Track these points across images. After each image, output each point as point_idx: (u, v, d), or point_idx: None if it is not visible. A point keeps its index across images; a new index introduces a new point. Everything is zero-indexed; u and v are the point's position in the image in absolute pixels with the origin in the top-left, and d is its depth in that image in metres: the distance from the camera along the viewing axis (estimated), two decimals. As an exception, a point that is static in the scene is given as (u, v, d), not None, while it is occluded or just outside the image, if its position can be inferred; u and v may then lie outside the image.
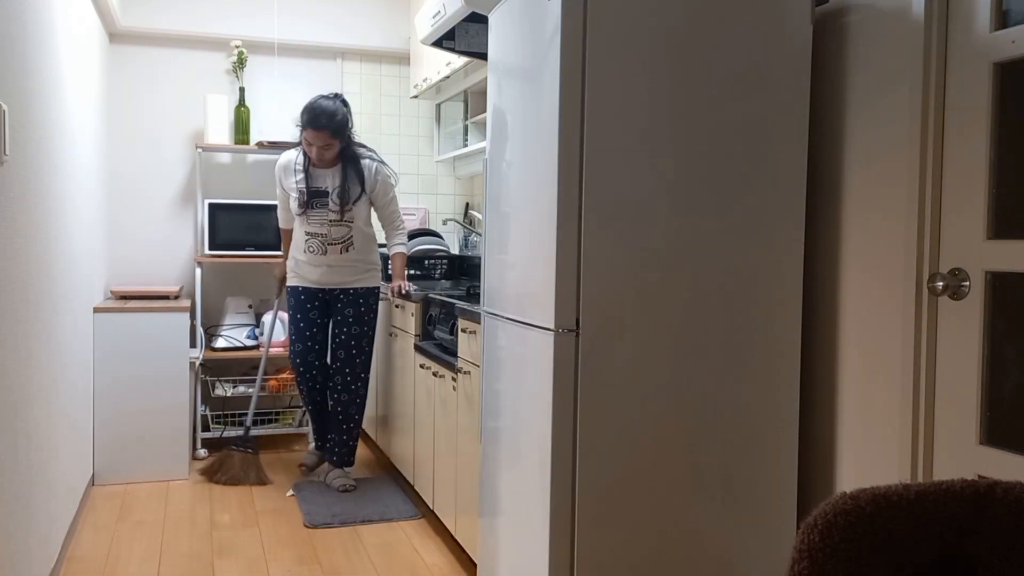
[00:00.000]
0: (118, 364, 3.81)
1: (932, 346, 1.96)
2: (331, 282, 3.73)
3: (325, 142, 3.58)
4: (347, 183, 3.66)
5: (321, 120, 3.56)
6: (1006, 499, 1.14)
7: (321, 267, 3.71)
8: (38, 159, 2.52)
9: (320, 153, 3.61)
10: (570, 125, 2.04)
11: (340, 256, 3.70)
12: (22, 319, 2.28)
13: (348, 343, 3.73)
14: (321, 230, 3.68)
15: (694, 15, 2.11)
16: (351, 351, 3.74)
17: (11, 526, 2.15)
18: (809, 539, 1.11)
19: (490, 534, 2.50)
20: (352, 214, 3.68)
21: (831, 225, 2.26)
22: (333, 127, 3.58)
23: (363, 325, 3.75)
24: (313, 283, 3.75)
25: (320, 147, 3.59)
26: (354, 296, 3.74)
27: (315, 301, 3.78)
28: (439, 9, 3.30)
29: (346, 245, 3.70)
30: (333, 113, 3.58)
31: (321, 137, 3.56)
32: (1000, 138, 1.82)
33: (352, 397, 3.76)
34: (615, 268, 2.09)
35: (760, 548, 2.24)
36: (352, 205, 3.67)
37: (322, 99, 3.62)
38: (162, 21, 4.43)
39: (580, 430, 2.08)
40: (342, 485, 3.72)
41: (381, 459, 4.30)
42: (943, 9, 1.94)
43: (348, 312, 3.73)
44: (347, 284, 3.74)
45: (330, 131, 3.57)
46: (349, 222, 3.69)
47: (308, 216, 3.68)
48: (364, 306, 3.75)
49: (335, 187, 3.66)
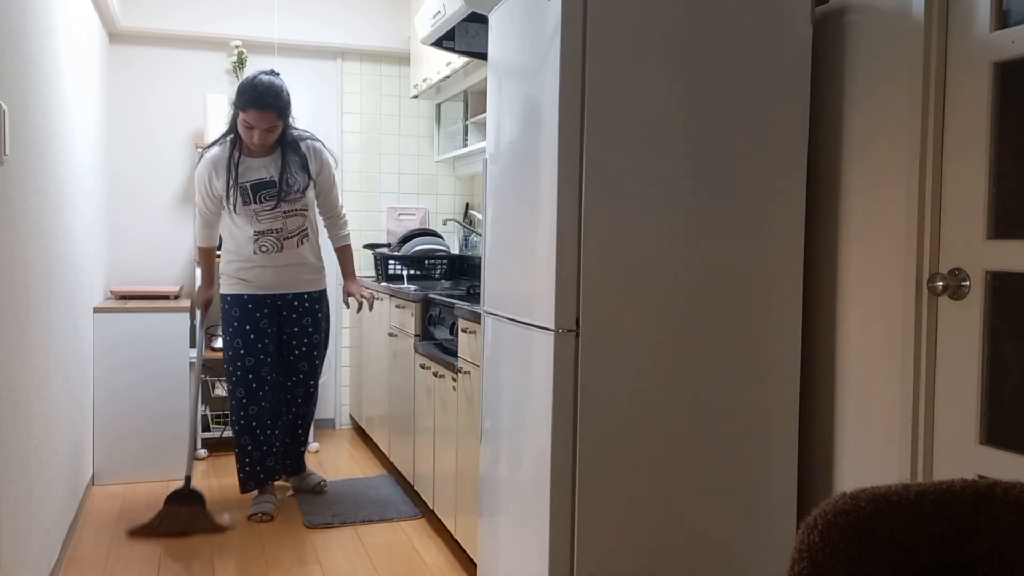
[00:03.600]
0: (118, 364, 3.81)
1: (932, 346, 1.96)
2: (284, 286, 3.42)
3: (270, 124, 3.21)
4: (291, 169, 3.33)
5: (267, 99, 3.17)
6: (1006, 499, 1.14)
7: (275, 267, 3.38)
8: (38, 159, 2.52)
9: (263, 137, 3.22)
10: (570, 125, 2.04)
11: (296, 250, 3.40)
12: (22, 319, 2.28)
13: (310, 354, 3.51)
14: (275, 224, 3.34)
15: (694, 15, 2.11)
16: (313, 361, 3.53)
17: (11, 526, 2.15)
18: (809, 539, 1.11)
19: (490, 534, 2.50)
20: (305, 201, 3.37)
21: (831, 225, 2.26)
22: (280, 106, 3.22)
23: (321, 332, 3.55)
24: (262, 288, 3.39)
25: (264, 130, 3.21)
26: (310, 303, 3.49)
27: (264, 308, 3.41)
28: (439, 9, 3.30)
29: (302, 237, 3.41)
30: (279, 90, 3.22)
31: (266, 119, 3.19)
32: (1000, 138, 1.82)
33: (311, 407, 3.62)
34: (615, 268, 2.09)
35: (760, 548, 2.24)
36: (303, 192, 3.36)
37: (263, 75, 3.24)
38: (162, 21, 4.43)
39: (580, 430, 2.08)
40: (318, 483, 3.65)
41: (381, 459, 4.31)
42: (943, 9, 1.94)
43: (306, 321, 3.49)
44: (300, 288, 3.46)
45: (276, 111, 3.20)
46: (303, 210, 3.39)
47: (257, 213, 3.31)
48: (320, 312, 3.54)
49: (278, 175, 3.31)
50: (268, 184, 3.30)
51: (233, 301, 3.39)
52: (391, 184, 4.96)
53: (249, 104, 3.17)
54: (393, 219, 4.90)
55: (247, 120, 3.19)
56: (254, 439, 3.39)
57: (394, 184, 4.97)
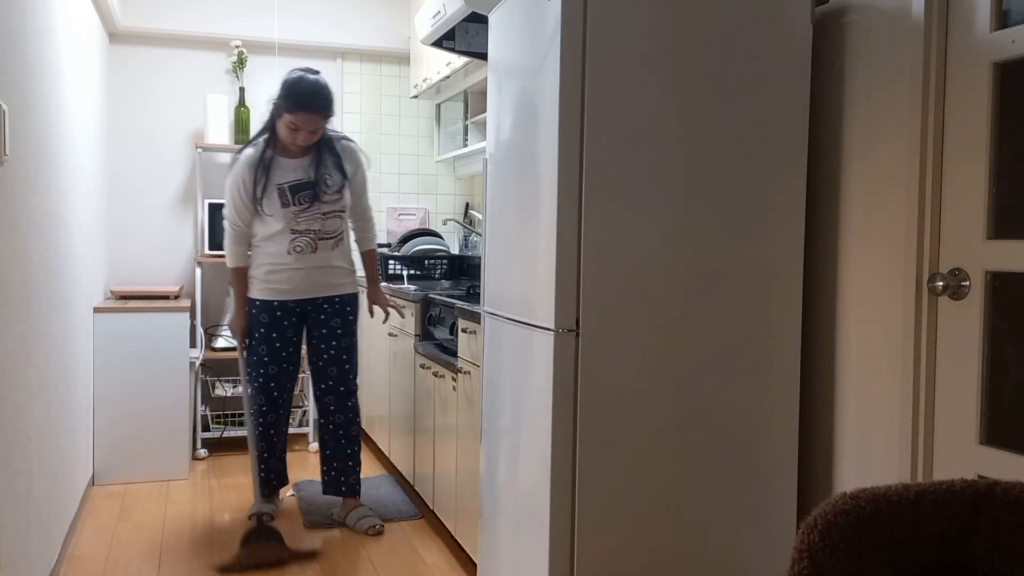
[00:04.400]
0: (118, 364, 3.81)
1: (932, 346, 1.96)
2: (314, 289, 3.29)
3: (317, 126, 3.12)
4: (328, 170, 3.22)
5: (318, 101, 3.08)
6: (1006, 499, 1.14)
7: (306, 268, 3.26)
8: (38, 159, 2.52)
9: (307, 139, 3.13)
10: (570, 125, 2.04)
11: (330, 253, 3.29)
12: (22, 319, 2.28)
13: (339, 357, 3.34)
14: (313, 225, 3.22)
15: (694, 15, 2.11)
16: (344, 366, 3.35)
17: (11, 526, 2.15)
18: (809, 539, 1.11)
19: (490, 534, 2.50)
20: (343, 203, 3.27)
21: (831, 225, 2.26)
22: (330, 108, 3.13)
23: (352, 336, 3.39)
24: (291, 294, 3.27)
25: (309, 132, 3.11)
26: (340, 304, 3.35)
27: (292, 317, 3.31)
28: (439, 9, 3.30)
29: (337, 240, 3.30)
30: (328, 91, 3.12)
31: (314, 121, 3.09)
32: (1000, 138, 1.82)
33: (352, 416, 3.38)
34: (615, 268, 2.09)
35: (760, 548, 2.24)
36: (339, 192, 3.24)
37: (308, 75, 3.12)
38: (162, 21, 4.43)
39: (580, 430, 2.08)
40: (371, 527, 3.27)
41: (381, 459, 4.31)
42: (943, 9, 1.94)
43: (335, 323, 3.33)
44: (331, 292, 3.32)
45: (325, 113, 3.12)
46: (341, 212, 3.28)
47: (296, 215, 3.19)
48: (352, 314, 3.38)
49: (317, 175, 3.21)
50: (306, 185, 3.19)
51: (262, 307, 3.28)
52: (391, 184, 4.96)
53: (298, 106, 3.05)
54: (393, 219, 4.90)
55: (294, 122, 3.07)
56: (270, 446, 3.37)
57: (394, 184, 4.97)
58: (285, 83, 3.11)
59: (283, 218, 3.19)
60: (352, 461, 3.38)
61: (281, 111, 3.10)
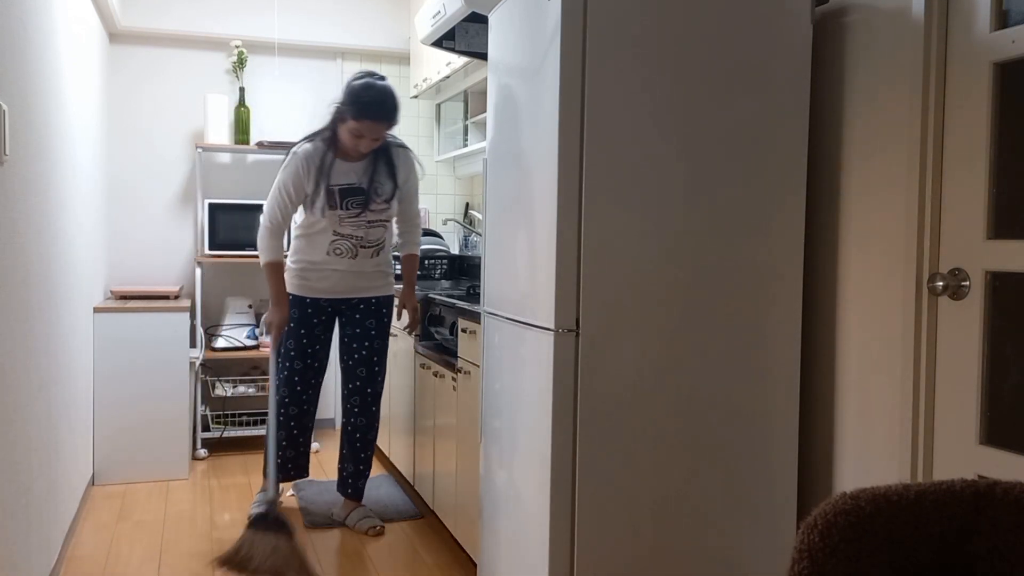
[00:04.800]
0: (118, 364, 3.81)
1: (932, 346, 1.96)
2: (348, 291, 3.26)
3: (380, 134, 3.06)
4: (381, 178, 3.17)
5: (385, 110, 2.99)
6: (1006, 499, 1.14)
7: (343, 271, 3.22)
8: (38, 159, 2.52)
9: (369, 146, 3.07)
10: (570, 125, 2.04)
11: (369, 260, 3.24)
12: (22, 319, 2.28)
13: (370, 359, 3.28)
14: (357, 232, 3.18)
15: (694, 15, 2.11)
16: (373, 368, 3.29)
17: (11, 526, 2.15)
18: (809, 539, 1.11)
19: (490, 534, 2.50)
20: (389, 213, 3.23)
21: (831, 225, 2.26)
22: (396, 117, 3.04)
23: (384, 338, 3.32)
24: (325, 293, 3.24)
25: (373, 140, 3.05)
26: (376, 306, 3.30)
27: (322, 316, 3.28)
28: (439, 9, 3.30)
29: (378, 248, 3.25)
30: (395, 100, 3.03)
31: (380, 129, 3.03)
32: (1000, 138, 1.82)
33: (372, 421, 3.32)
34: (615, 268, 2.09)
35: (760, 548, 2.24)
36: (388, 202, 3.20)
37: (376, 81, 3.02)
38: (162, 21, 4.43)
39: (580, 430, 2.08)
40: (372, 527, 3.27)
41: (381, 459, 4.30)
42: (943, 9, 1.94)
43: (370, 324, 3.28)
44: (366, 294, 3.28)
45: (392, 123, 3.04)
46: (386, 223, 3.24)
47: (341, 219, 3.14)
48: (387, 316, 3.33)
49: (369, 183, 3.15)
50: (357, 190, 3.14)
51: (293, 302, 3.25)
52: (391, 184, 4.96)
53: (364, 114, 2.97)
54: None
55: (359, 129, 3.00)
56: (290, 436, 3.34)
57: (394, 184, 4.96)
58: (352, 89, 3.01)
59: (327, 219, 3.15)
60: (363, 466, 3.35)
61: (345, 116, 3.02)
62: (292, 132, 4.72)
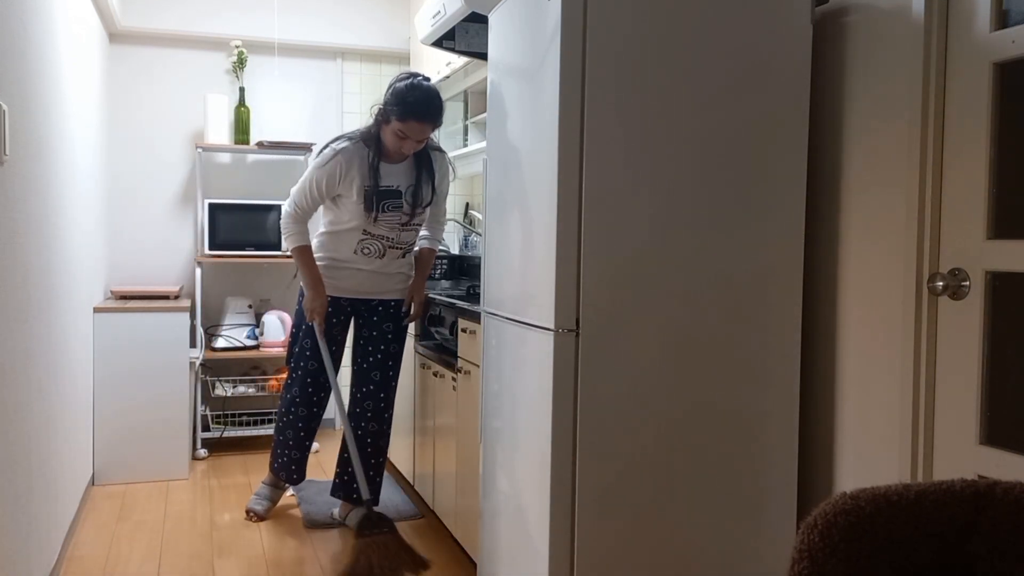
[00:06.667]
0: (118, 364, 3.81)
1: (932, 346, 1.96)
2: (369, 291, 3.23)
3: (425, 135, 2.99)
4: (420, 184, 3.14)
5: (431, 111, 2.94)
6: (1006, 499, 1.14)
7: (367, 271, 3.19)
8: (38, 159, 2.52)
9: (413, 147, 3.02)
10: (570, 125, 2.04)
11: (395, 261, 3.22)
12: (22, 319, 2.28)
13: (385, 363, 3.24)
14: (389, 234, 3.14)
15: (694, 15, 2.11)
16: (388, 372, 3.24)
17: (11, 526, 2.15)
18: (809, 539, 1.11)
19: (490, 534, 2.50)
20: (423, 218, 3.20)
21: (831, 225, 2.26)
22: (440, 118, 3.00)
23: (401, 343, 3.27)
24: (346, 292, 3.21)
25: (417, 141, 2.99)
26: (395, 308, 3.26)
27: (341, 315, 3.25)
28: (439, 9, 3.30)
29: (406, 251, 3.22)
30: (440, 101, 2.99)
31: (424, 130, 2.96)
32: (1000, 138, 1.82)
33: (384, 427, 3.25)
34: (615, 268, 2.09)
35: (760, 548, 2.24)
36: (424, 208, 3.17)
37: (422, 82, 2.97)
38: (162, 21, 4.43)
39: (580, 430, 2.08)
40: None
41: (381, 459, 4.30)
42: (943, 9, 1.94)
43: (387, 327, 3.24)
44: (387, 296, 3.25)
45: (437, 124, 3.01)
46: (418, 226, 3.21)
47: (376, 221, 3.10)
48: (404, 320, 3.30)
49: (408, 186, 3.11)
50: (394, 194, 3.09)
51: None
52: (391, 184, 4.95)
53: (413, 115, 2.91)
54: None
55: (403, 130, 2.94)
56: (296, 437, 3.31)
57: (394, 184, 4.96)
58: (397, 90, 2.96)
59: (359, 218, 3.10)
60: (374, 472, 3.25)
61: (390, 118, 2.97)
62: (292, 132, 4.72)
